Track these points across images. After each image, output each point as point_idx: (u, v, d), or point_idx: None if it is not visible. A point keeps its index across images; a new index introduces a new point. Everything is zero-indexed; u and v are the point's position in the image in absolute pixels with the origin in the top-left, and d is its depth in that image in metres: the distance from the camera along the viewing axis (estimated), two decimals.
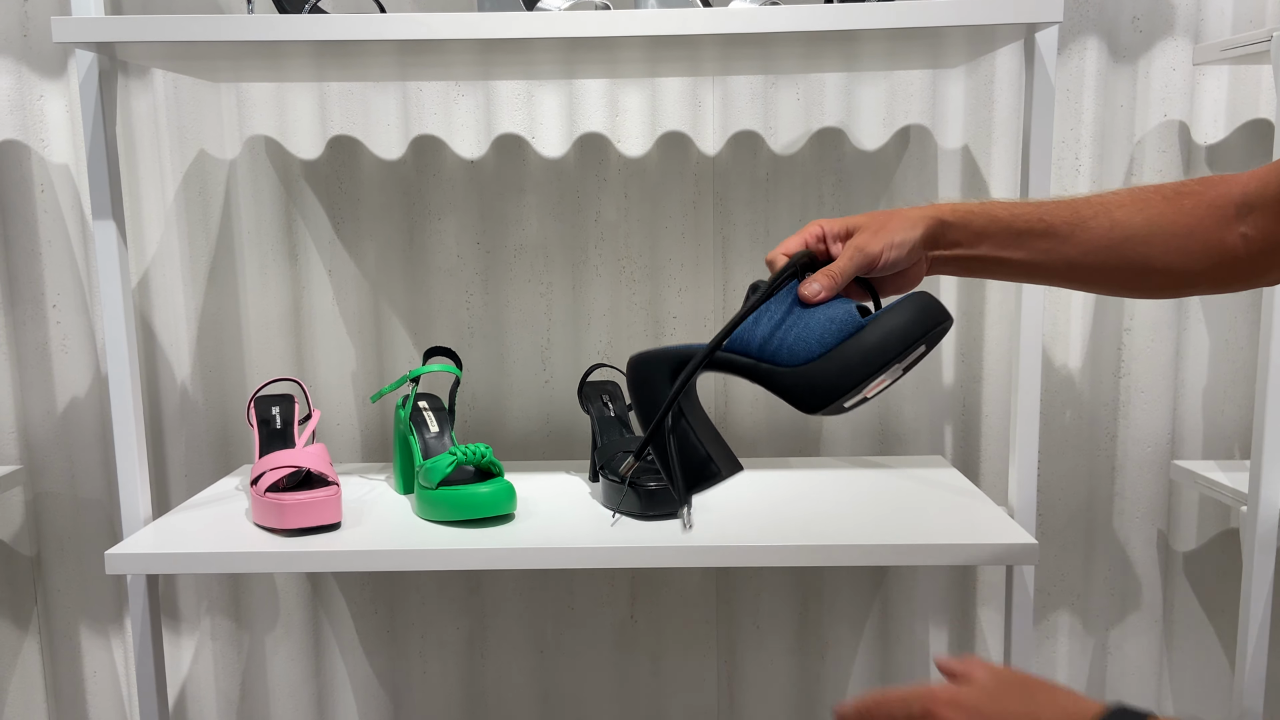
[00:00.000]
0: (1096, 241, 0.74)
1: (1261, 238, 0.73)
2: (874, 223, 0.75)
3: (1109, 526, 1.39)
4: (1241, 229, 0.73)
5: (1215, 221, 0.74)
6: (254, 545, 1.00)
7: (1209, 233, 0.74)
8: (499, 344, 1.37)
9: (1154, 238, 0.74)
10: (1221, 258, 0.74)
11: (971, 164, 1.32)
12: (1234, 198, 0.74)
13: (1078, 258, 0.75)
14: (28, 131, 1.32)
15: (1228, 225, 0.73)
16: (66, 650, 1.43)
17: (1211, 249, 0.74)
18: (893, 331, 0.69)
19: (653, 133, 1.32)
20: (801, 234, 0.77)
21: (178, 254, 1.35)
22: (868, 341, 0.69)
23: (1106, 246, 0.74)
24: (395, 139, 1.33)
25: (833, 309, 0.71)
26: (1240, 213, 0.73)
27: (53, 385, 1.37)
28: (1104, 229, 0.74)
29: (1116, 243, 0.74)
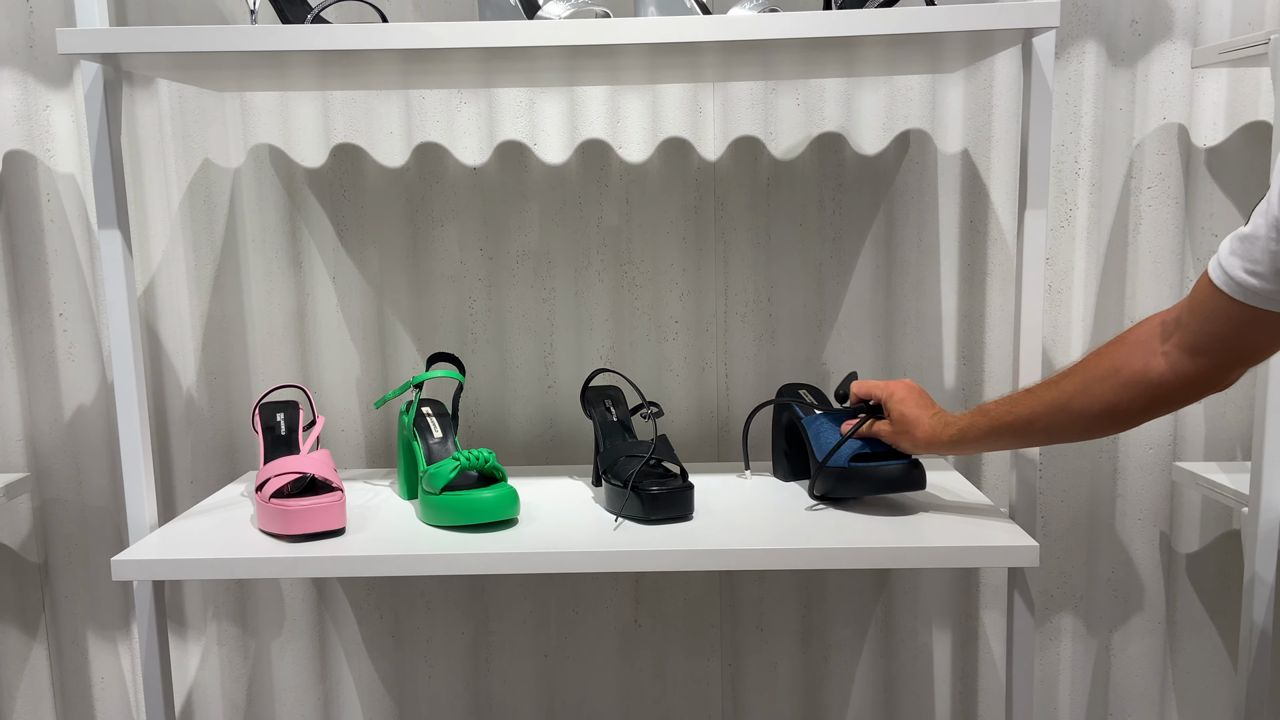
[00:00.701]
0: (1051, 411, 0.94)
1: (1183, 351, 0.84)
2: (901, 425, 1.06)
3: (1111, 528, 1.39)
4: (1163, 349, 0.85)
5: (1139, 354, 0.87)
6: (259, 551, 1.01)
7: (1133, 364, 0.87)
8: (502, 349, 1.38)
9: (1088, 388, 0.90)
10: (1150, 381, 0.86)
11: (971, 168, 1.32)
12: (1154, 328, 0.87)
13: (1042, 432, 0.96)
14: (34, 141, 1.33)
15: (1152, 351, 0.86)
16: (74, 656, 1.44)
17: (1140, 377, 0.86)
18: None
19: (654, 139, 1.33)
20: (869, 387, 1.12)
21: (183, 262, 1.36)
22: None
23: (1057, 411, 0.93)
24: (398, 146, 1.34)
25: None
26: (1164, 334, 0.86)
27: (59, 393, 1.38)
28: (1049, 400, 0.94)
29: (1063, 407, 0.92)
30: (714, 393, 1.38)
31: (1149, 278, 1.32)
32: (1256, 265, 0.76)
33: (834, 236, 1.34)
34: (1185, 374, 0.84)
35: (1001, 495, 1.37)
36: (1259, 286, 0.77)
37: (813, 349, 1.37)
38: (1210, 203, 1.32)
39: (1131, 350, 0.87)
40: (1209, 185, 1.31)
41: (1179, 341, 0.84)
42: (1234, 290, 0.78)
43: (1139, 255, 1.32)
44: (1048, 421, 0.94)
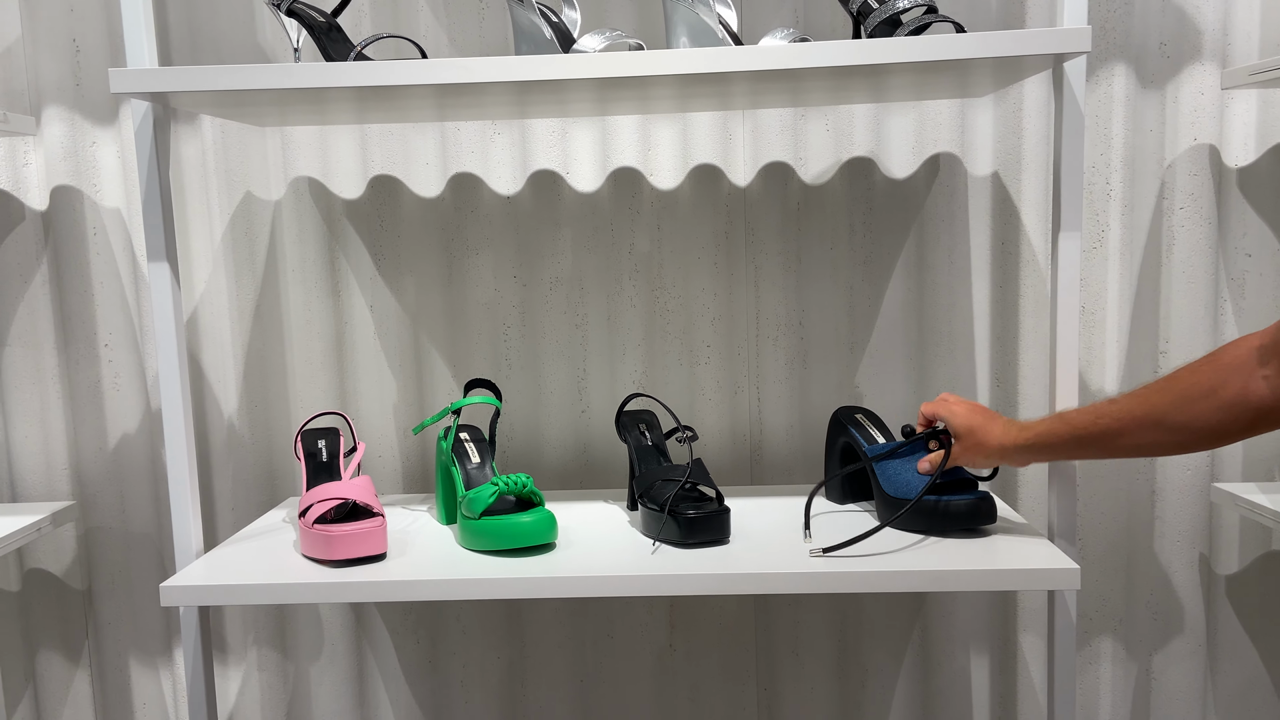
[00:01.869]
0: (1141, 423, 0.93)
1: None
2: (967, 438, 1.06)
3: (1150, 550, 1.38)
4: (1263, 373, 0.85)
5: (1235, 377, 0.87)
6: (304, 576, 1.03)
7: (1231, 387, 0.87)
8: (536, 375, 1.39)
9: (1185, 406, 0.90)
10: (1249, 406, 0.86)
11: (1002, 191, 1.33)
12: (1251, 350, 0.87)
13: (1136, 443, 0.94)
14: (80, 177, 1.36)
15: (1250, 375, 0.86)
16: (116, 682, 1.46)
17: (1238, 400, 0.86)
18: None
19: (684, 166, 1.35)
20: (934, 407, 1.11)
21: (225, 293, 1.38)
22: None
23: (1150, 425, 0.92)
24: (434, 177, 1.36)
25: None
26: (1262, 359, 0.86)
27: (104, 422, 1.40)
28: (1142, 414, 0.93)
29: (1156, 420, 0.92)
30: (746, 416, 1.39)
31: (1183, 298, 1.32)
32: None
33: (865, 260, 1.35)
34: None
35: (1038, 517, 1.36)
36: None
37: (845, 372, 1.37)
38: (1243, 223, 1.31)
39: (1229, 373, 0.88)
40: (1241, 205, 1.31)
41: (1278, 366, 0.85)
42: None
43: (1172, 276, 1.32)
44: (1138, 436, 0.93)
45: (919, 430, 1.12)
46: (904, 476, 1.12)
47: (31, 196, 1.37)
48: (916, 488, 1.10)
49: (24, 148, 1.36)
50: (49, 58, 1.34)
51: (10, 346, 1.39)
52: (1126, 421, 0.94)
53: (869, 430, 1.20)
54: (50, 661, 1.46)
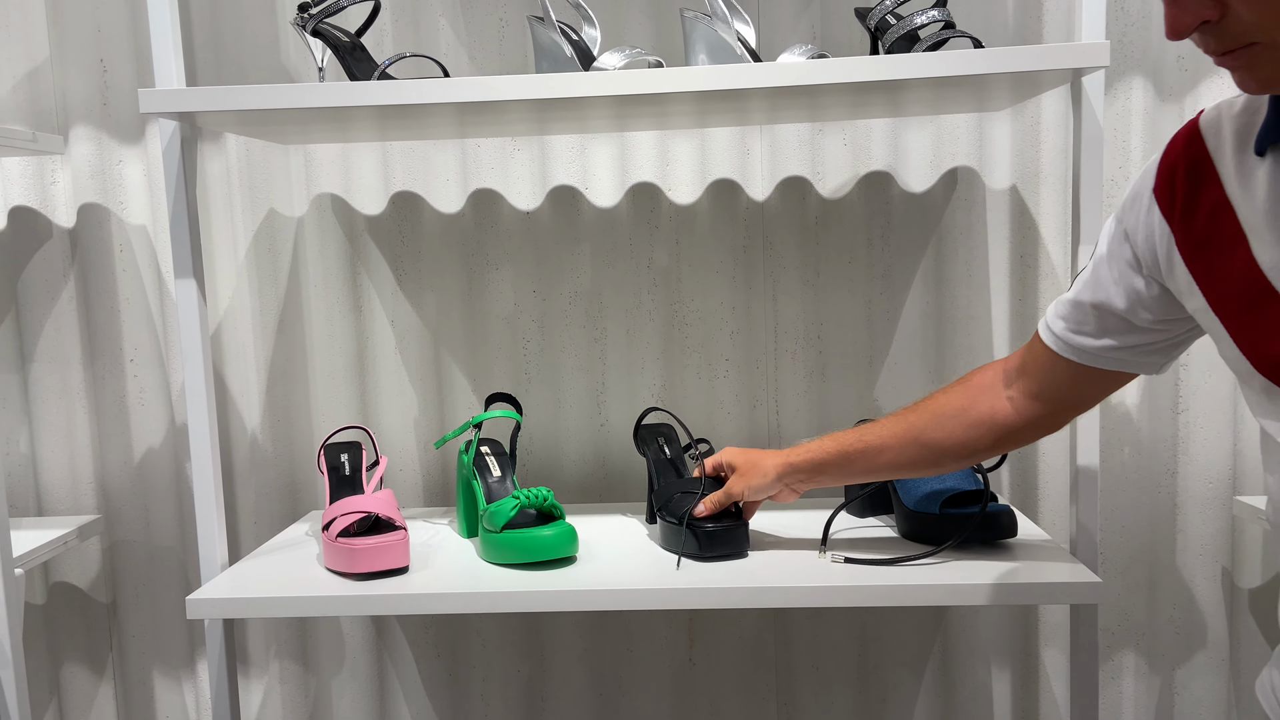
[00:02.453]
0: (902, 441, 0.98)
1: (1024, 398, 0.90)
2: (745, 466, 1.09)
3: (1172, 564, 1.37)
4: (1009, 394, 0.92)
5: (985, 397, 0.93)
6: (326, 589, 1.03)
7: (980, 406, 0.93)
8: (555, 389, 1.40)
9: (938, 424, 0.95)
10: (995, 424, 0.92)
11: (1020, 204, 1.33)
12: (998, 374, 0.93)
13: (895, 460, 0.99)
14: (107, 195, 1.38)
15: (997, 396, 0.92)
16: (140, 695, 1.47)
17: (985, 419, 0.92)
18: None
19: (702, 180, 1.36)
20: (715, 458, 1.13)
21: (249, 308, 1.40)
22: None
23: (909, 444, 0.97)
24: (455, 193, 1.38)
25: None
26: (1007, 381, 0.92)
27: (130, 437, 1.42)
28: (901, 431, 0.98)
29: (915, 439, 0.97)
30: (765, 430, 1.39)
31: None
32: (1083, 326, 0.83)
33: (883, 273, 1.36)
34: (1030, 417, 0.91)
35: (1059, 531, 1.36)
36: (1088, 345, 0.83)
37: (864, 386, 1.37)
38: None
39: (977, 394, 0.94)
40: None
41: (1023, 389, 0.91)
42: (1066, 350, 0.85)
43: None
44: (898, 453, 0.98)
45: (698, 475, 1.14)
46: (924, 489, 1.12)
47: (59, 214, 1.40)
48: (936, 501, 1.10)
49: (52, 166, 1.39)
50: (77, 78, 1.36)
51: (37, 362, 1.41)
52: (887, 439, 0.99)
53: None
54: (75, 674, 1.47)
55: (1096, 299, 0.81)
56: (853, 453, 1.01)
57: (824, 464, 1.03)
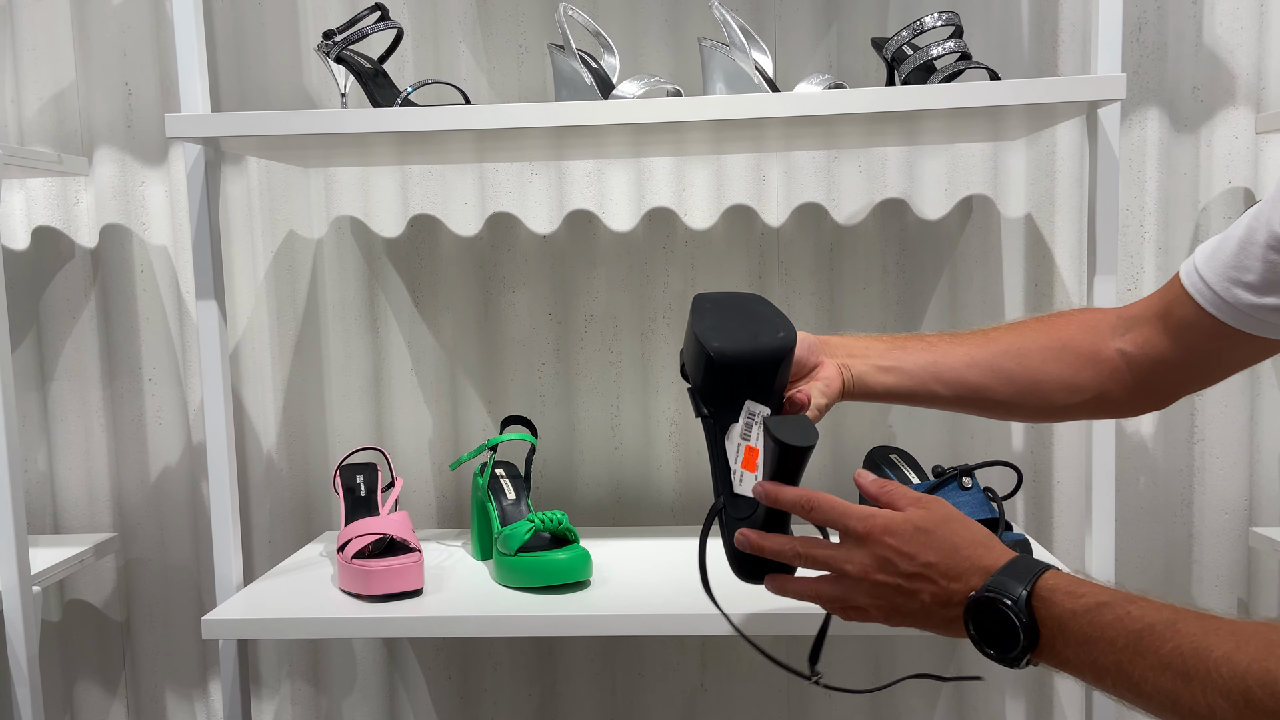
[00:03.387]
0: (974, 358, 0.81)
1: (1143, 353, 0.77)
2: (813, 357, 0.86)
3: (1188, 595, 1.37)
4: (1116, 345, 0.78)
5: (1088, 337, 0.79)
6: (341, 611, 1.04)
7: (1082, 346, 0.79)
8: (570, 412, 1.40)
9: (1027, 351, 0.80)
10: (1099, 371, 0.78)
11: (1035, 232, 1.34)
12: (1109, 319, 0.80)
13: (961, 369, 0.81)
14: (130, 216, 1.40)
15: (1102, 341, 0.79)
16: (152, 713, 1.47)
17: (1086, 361, 0.78)
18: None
19: (718, 206, 1.37)
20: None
21: (266, 329, 1.41)
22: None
23: (981, 365, 0.81)
24: (472, 216, 1.39)
25: None
26: (1116, 331, 0.79)
27: (147, 455, 1.43)
28: (973, 348, 0.82)
29: (996, 355, 0.81)
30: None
31: None
32: (1244, 275, 0.69)
33: (898, 300, 1.36)
34: (1139, 380, 0.77)
35: (1074, 562, 1.35)
36: (1246, 300, 0.69)
37: (878, 412, 1.37)
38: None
39: (1078, 332, 0.80)
40: None
41: (1141, 341, 0.77)
42: (1214, 304, 0.71)
43: None
44: (974, 366, 0.81)
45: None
46: None
47: (81, 234, 1.41)
48: None
49: (75, 187, 1.41)
50: (102, 101, 1.38)
51: (57, 380, 1.43)
52: (976, 355, 0.82)
53: (903, 471, 1.20)
54: (88, 692, 1.47)
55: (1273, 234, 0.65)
56: (905, 343, 0.84)
57: (871, 350, 0.85)
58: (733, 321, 0.78)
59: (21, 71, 1.38)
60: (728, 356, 0.76)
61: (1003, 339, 0.82)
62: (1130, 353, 0.77)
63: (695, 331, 0.78)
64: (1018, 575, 0.64)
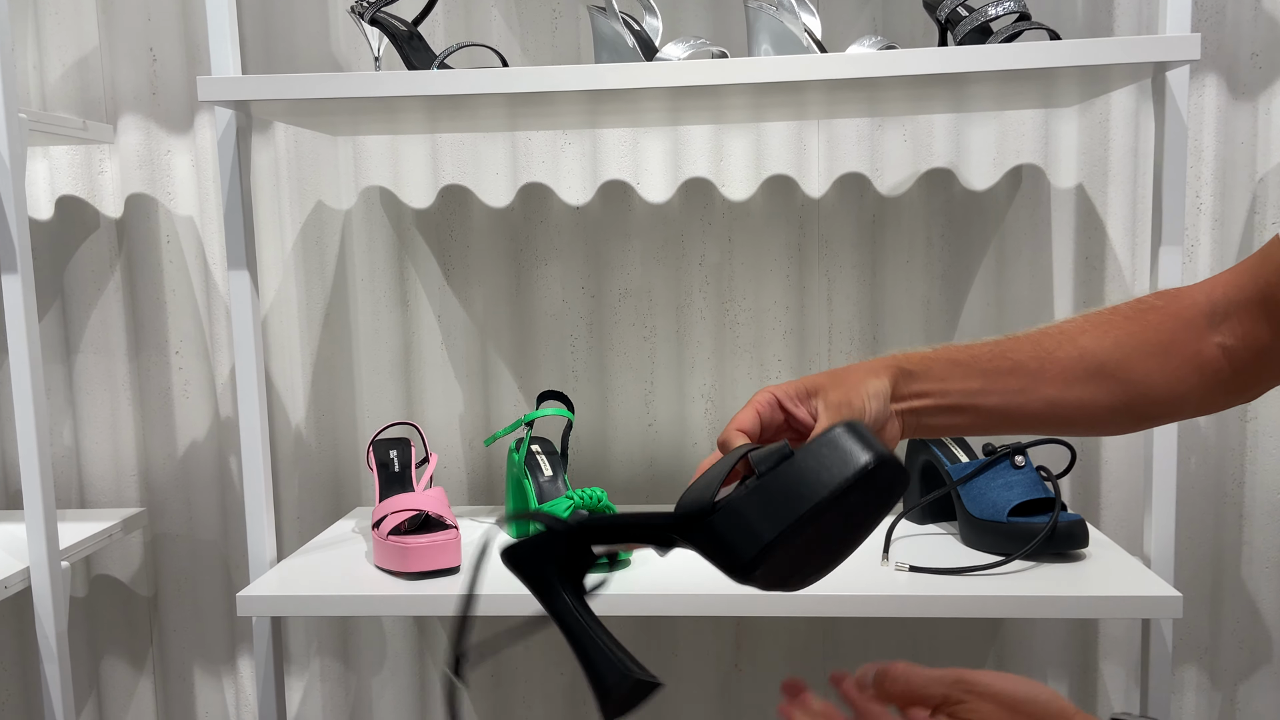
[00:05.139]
0: (1070, 372, 0.66)
1: (1244, 345, 0.67)
2: (836, 379, 0.66)
3: (1237, 576, 1.33)
4: (1216, 339, 0.68)
5: (1187, 334, 0.68)
6: (377, 588, 1.01)
7: (1184, 346, 0.68)
8: (603, 388, 1.37)
9: (1129, 360, 0.67)
10: (1203, 371, 0.67)
11: (1086, 204, 1.29)
12: (1201, 308, 0.69)
13: (1056, 394, 0.66)
14: (155, 185, 1.37)
15: (1201, 337, 0.68)
16: (179, 690, 1.46)
17: (1190, 362, 0.67)
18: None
19: (757, 176, 1.33)
20: (752, 405, 0.66)
21: (295, 301, 1.38)
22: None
23: (1082, 376, 0.66)
24: (504, 187, 1.35)
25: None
26: (1212, 322, 0.68)
27: (174, 429, 1.41)
28: (1073, 358, 0.67)
29: (1091, 371, 0.66)
30: None
31: None
32: None
33: (942, 274, 1.32)
34: (1242, 376, 0.67)
35: (1123, 539, 1.32)
36: None
37: None
38: None
39: (1177, 329, 0.68)
40: None
41: (1240, 332, 0.67)
42: None
43: None
44: (1072, 384, 0.66)
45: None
46: (989, 497, 1.08)
47: (106, 204, 1.39)
48: (1003, 509, 1.06)
49: (100, 156, 1.38)
50: (126, 66, 1.35)
51: (83, 353, 1.40)
52: (1050, 345, 0.67)
53: (951, 449, 1.17)
54: (115, 668, 1.46)
55: None
56: (990, 368, 0.66)
57: (950, 375, 0.67)
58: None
59: (44, 37, 1.35)
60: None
61: (1096, 348, 0.68)
62: (1231, 346, 0.68)
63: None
64: None
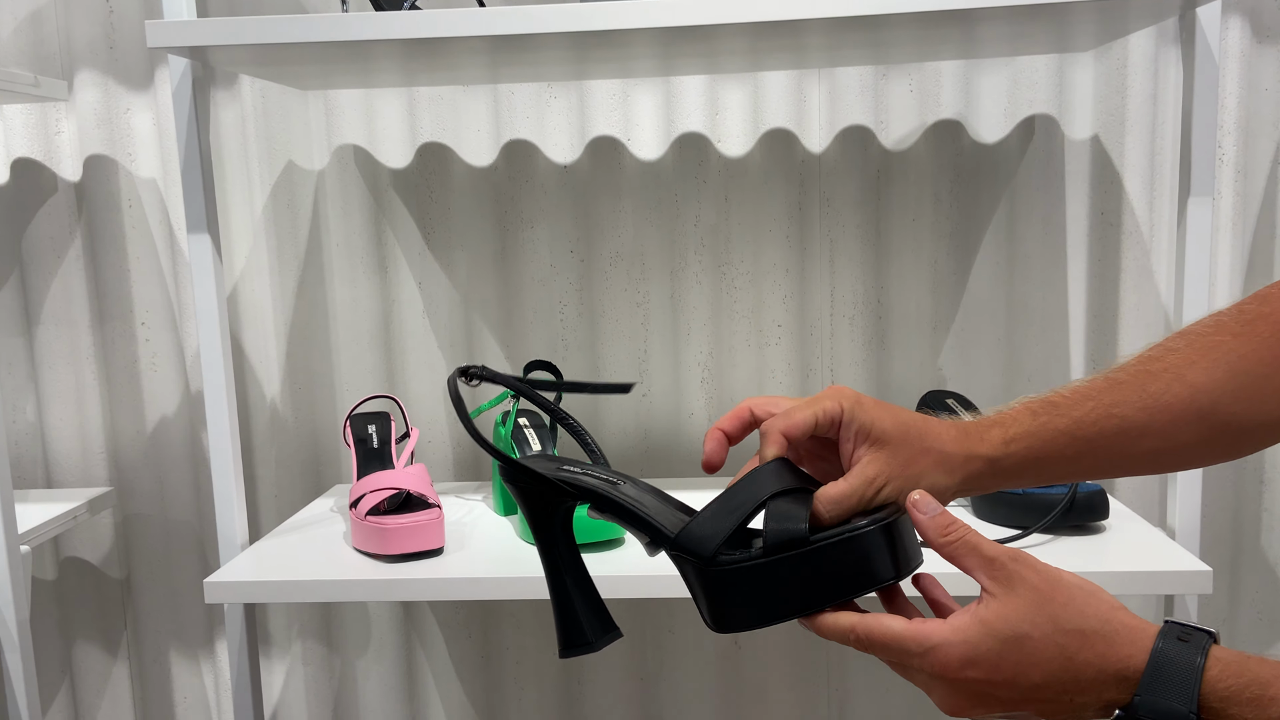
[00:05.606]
0: (1180, 420, 0.59)
1: None
2: (905, 440, 0.59)
3: (1257, 545, 1.28)
4: None
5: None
6: (357, 572, 0.95)
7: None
8: (594, 356, 1.31)
9: (1244, 391, 0.59)
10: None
11: (1103, 155, 1.22)
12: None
13: (1159, 445, 0.59)
14: (115, 146, 1.29)
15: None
16: (156, 675, 1.40)
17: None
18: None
19: (755, 131, 1.25)
20: (817, 406, 0.60)
21: (266, 268, 1.31)
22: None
23: (1193, 420, 0.59)
24: (486, 144, 1.28)
25: None
26: None
27: (142, 405, 1.34)
28: (1183, 401, 0.59)
29: (1204, 413, 0.59)
30: None
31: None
32: None
33: (950, 232, 1.25)
34: None
35: (1142, 510, 1.26)
36: None
37: (927, 354, 1.28)
38: None
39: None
40: None
41: None
42: None
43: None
44: (1170, 434, 0.59)
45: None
46: None
47: (64, 167, 1.30)
48: None
49: (56, 114, 1.29)
50: (81, 18, 1.26)
51: (44, 325, 1.33)
52: (1154, 411, 0.59)
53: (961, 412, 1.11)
54: (87, 653, 1.40)
55: None
56: (1095, 434, 0.59)
57: (1047, 455, 0.59)
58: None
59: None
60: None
61: (1208, 384, 0.60)
62: None
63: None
64: (1172, 688, 0.50)
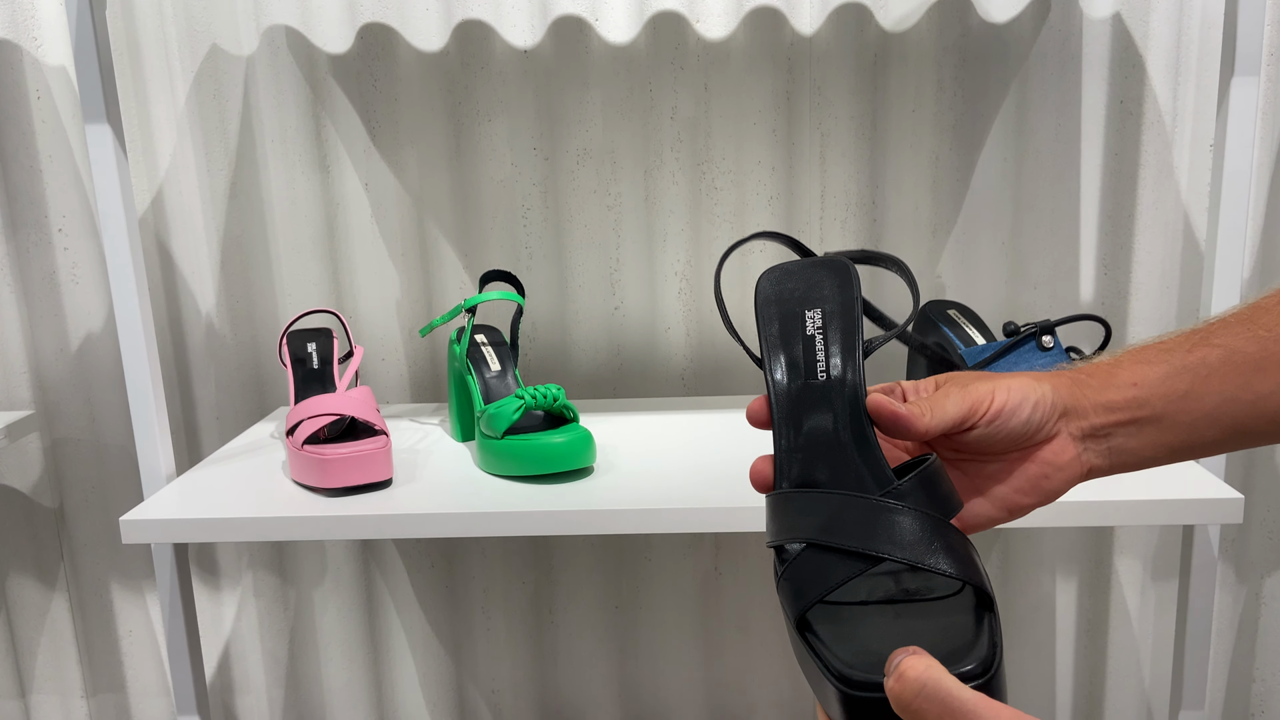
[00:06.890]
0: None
1: None
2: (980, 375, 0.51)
3: (1270, 463, 1.20)
4: None
5: None
6: (294, 509, 0.85)
7: None
8: (560, 266, 1.19)
9: None
10: None
11: (1125, 37, 1.10)
12: None
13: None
14: (17, 29, 1.14)
15: None
16: (98, 609, 1.31)
17: None
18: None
19: (738, 9, 1.12)
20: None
21: (193, 168, 1.18)
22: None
23: None
24: (435, 26, 1.13)
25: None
26: None
27: (64, 320, 1.22)
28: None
29: None
30: None
31: None
32: None
33: (953, 124, 1.13)
34: None
35: None
36: None
37: (925, 260, 1.17)
38: None
39: None
40: None
41: None
42: None
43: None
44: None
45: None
46: None
47: None
48: None
49: None
50: None
51: None
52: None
53: (965, 329, 1.01)
54: (23, 586, 1.31)
55: None
56: (1207, 362, 0.49)
57: (1163, 410, 0.49)
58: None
59: None
60: None
61: None
62: None
63: None
64: None
